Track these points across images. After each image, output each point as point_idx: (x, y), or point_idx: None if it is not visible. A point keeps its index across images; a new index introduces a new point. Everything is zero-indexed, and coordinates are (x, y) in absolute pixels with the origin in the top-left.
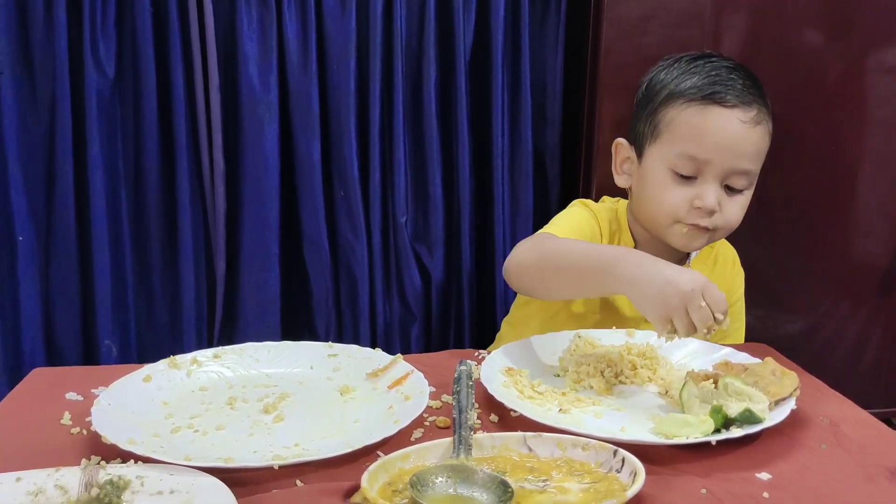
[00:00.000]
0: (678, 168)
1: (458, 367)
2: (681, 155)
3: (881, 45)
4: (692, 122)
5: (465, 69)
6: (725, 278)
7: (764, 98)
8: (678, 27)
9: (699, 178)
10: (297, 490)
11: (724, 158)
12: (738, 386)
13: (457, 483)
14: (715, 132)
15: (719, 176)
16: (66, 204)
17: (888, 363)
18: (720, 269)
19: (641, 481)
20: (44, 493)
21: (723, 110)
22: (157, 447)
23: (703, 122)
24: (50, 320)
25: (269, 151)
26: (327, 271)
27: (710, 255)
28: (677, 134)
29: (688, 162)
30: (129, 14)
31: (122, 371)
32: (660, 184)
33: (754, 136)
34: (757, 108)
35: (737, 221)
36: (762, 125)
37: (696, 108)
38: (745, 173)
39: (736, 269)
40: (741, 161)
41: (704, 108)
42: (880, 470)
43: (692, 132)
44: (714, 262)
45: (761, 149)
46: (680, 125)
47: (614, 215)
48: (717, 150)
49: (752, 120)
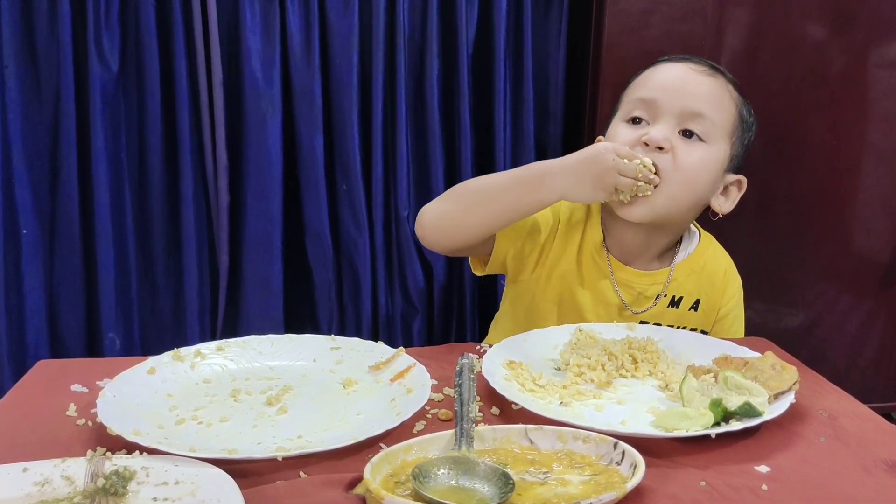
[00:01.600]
0: (630, 114)
1: (460, 360)
2: (630, 102)
3: (883, 40)
4: (642, 77)
5: (468, 63)
6: (713, 288)
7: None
8: (680, 21)
9: (650, 123)
10: (301, 481)
11: (673, 97)
12: (738, 379)
13: (458, 475)
14: (663, 75)
15: (672, 117)
16: (69, 197)
17: (888, 358)
18: (707, 278)
19: (641, 474)
20: (50, 484)
21: (672, 63)
22: (162, 438)
23: (651, 73)
24: (54, 313)
25: (272, 145)
26: (330, 264)
27: (699, 261)
28: (629, 91)
29: (637, 105)
30: (132, 7)
31: (127, 363)
32: (613, 132)
33: (707, 82)
34: (710, 67)
35: (692, 170)
36: (717, 79)
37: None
38: (700, 115)
39: (727, 279)
40: (692, 101)
41: (654, 67)
42: (878, 463)
43: (642, 81)
44: (701, 269)
45: (717, 95)
46: (632, 86)
47: (584, 206)
48: (665, 90)
49: (704, 72)
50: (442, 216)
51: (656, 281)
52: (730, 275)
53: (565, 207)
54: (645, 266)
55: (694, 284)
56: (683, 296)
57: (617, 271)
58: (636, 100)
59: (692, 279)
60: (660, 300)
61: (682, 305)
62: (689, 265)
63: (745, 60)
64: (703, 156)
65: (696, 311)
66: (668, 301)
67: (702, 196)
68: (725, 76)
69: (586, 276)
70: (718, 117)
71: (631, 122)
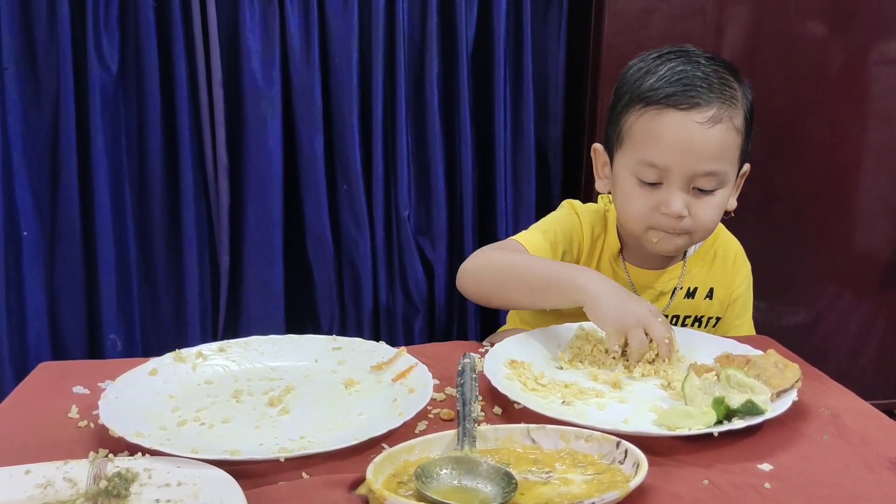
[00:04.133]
0: (641, 175)
1: (462, 359)
2: (641, 162)
3: (883, 38)
4: (647, 129)
5: (468, 63)
6: (725, 274)
7: (732, 89)
8: (680, 20)
9: (664, 185)
10: (303, 482)
11: (684, 163)
12: (741, 378)
13: (461, 475)
14: (670, 137)
15: (683, 180)
16: (70, 199)
17: (889, 355)
18: (719, 264)
19: (644, 472)
20: (53, 486)
21: (677, 113)
22: (164, 440)
23: (657, 128)
24: (55, 315)
25: (273, 146)
26: (331, 265)
27: (710, 251)
28: (636, 141)
29: (648, 169)
30: (132, 9)
31: (129, 365)
32: (626, 191)
33: (714, 136)
34: (717, 106)
35: (711, 222)
36: (723, 123)
37: (651, 113)
38: (711, 174)
39: (738, 265)
40: (702, 163)
41: (659, 114)
42: (881, 461)
43: (648, 139)
44: (713, 258)
45: (725, 146)
46: (637, 132)
47: (601, 217)
48: (675, 154)
49: (710, 119)
50: (479, 286)
51: (673, 276)
52: (739, 260)
53: (586, 224)
54: (661, 264)
55: (707, 273)
56: (698, 286)
57: (635, 277)
58: (646, 163)
59: (704, 269)
60: (676, 294)
61: (696, 296)
62: (701, 255)
63: (745, 59)
64: (718, 203)
65: (710, 300)
66: (683, 293)
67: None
68: (724, 99)
69: None
70: (729, 163)
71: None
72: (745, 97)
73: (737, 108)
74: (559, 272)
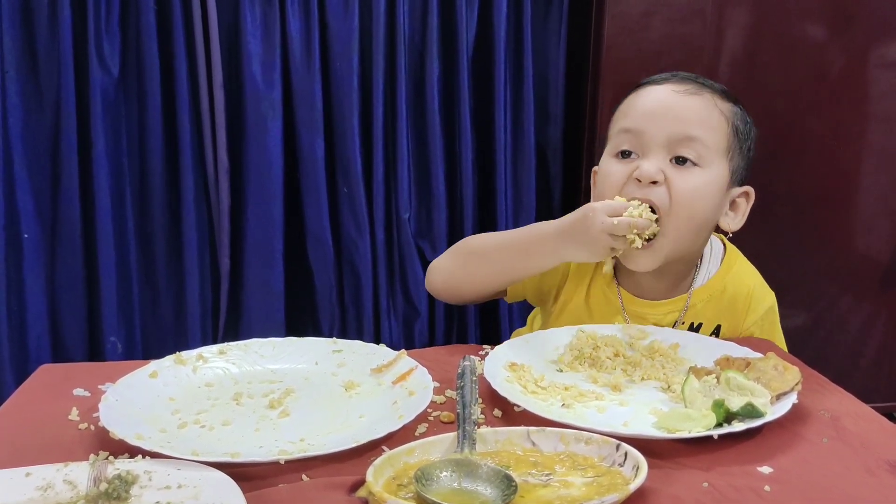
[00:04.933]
0: (618, 146)
1: (462, 362)
2: (617, 133)
3: (883, 40)
4: (625, 105)
5: (468, 65)
6: (735, 314)
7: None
8: (680, 23)
9: (641, 155)
10: (303, 484)
11: (659, 125)
12: (740, 380)
13: (461, 477)
14: (645, 102)
15: (661, 146)
16: (71, 201)
17: (889, 358)
18: (728, 302)
19: (644, 475)
20: (53, 488)
21: (654, 86)
22: (165, 442)
23: (634, 100)
24: (55, 317)
25: (273, 148)
26: (331, 267)
27: (719, 286)
28: (615, 121)
29: (623, 136)
30: (133, 12)
31: (129, 367)
32: (603, 170)
33: (692, 102)
34: (694, 83)
35: (690, 199)
36: (703, 96)
37: (632, 94)
38: (690, 139)
39: (751, 301)
40: (679, 126)
41: (637, 91)
42: (881, 464)
43: (625, 110)
44: (721, 294)
45: (705, 114)
46: (617, 114)
47: None
48: (650, 118)
49: (687, 91)
50: (447, 276)
51: (673, 309)
52: (756, 295)
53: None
54: (661, 295)
55: (714, 311)
56: (703, 322)
57: (628, 305)
58: (622, 131)
59: (712, 305)
60: (676, 328)
61: (701, 332)
62: (709, 290)
63: (745, 61)
64: (700, 181)
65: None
66: (685, 328)
67: (705, 221)
68: (712, 89)
69: (595, 311)
70: (710, 137)
71: (620, 155)
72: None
73: (722, 104)
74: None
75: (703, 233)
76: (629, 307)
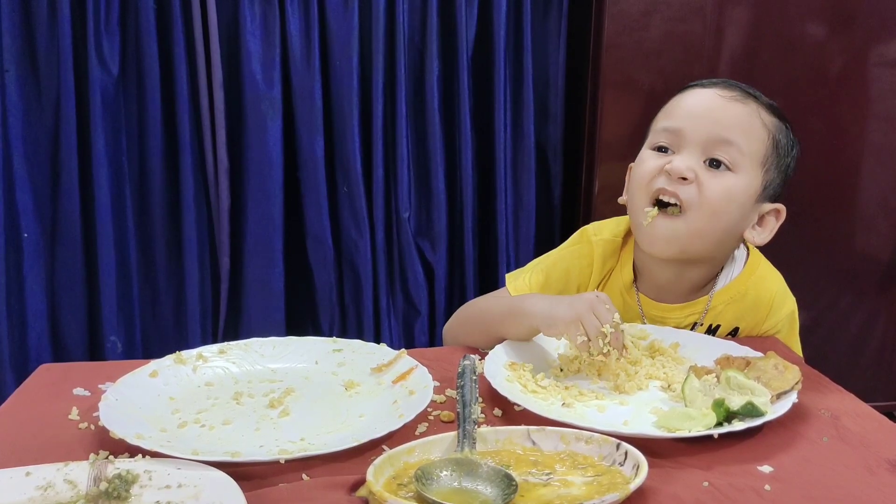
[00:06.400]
0: (656, 142)
1: (462, 361)
2: (657, 130)
3: (883, 39)
4: (670, 103)
5: (468, 64)
6: (756, 317)
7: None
8: (680, 22)
9: (676, 151)
10: (303, 484)
11: (698, 126)
12: (741, 380)
13: (461, 476)
14: (688, 103)
15: (697, 145)
16: (70, 201)
17: (889, 357)
18: (749, 306)
19: (644, 474)
20: (53, 488)
21: (700, 89)
22: (165, 442)
23: (678, 101)
24: (55, 317)
25: (273, 148)
26: (331, 267)
27: (740, 289)
28: (657, 120)
29: (663, 133)
30: (132, 11)
31: (129, 367)
32: (639, 159)
33: (735, 108)
34: (741, 92)
35: (717, 200)
36: (748, 105)
37: (677, 95)
38: (727, 143)
39: (773, 305)
40: (718, 129)
41: (682, 93)
42: (881, 462)
43: (669, 109)
44: (742, 297)
45: (747, 124)
46: (661, 113)
47: (614, 249)
48: (690, 118)
49: (733, 98)
50: (451, 340)
51: (693, 311)
52: (777, 300)
53: (598, 255)
54: (681, 299)
55: (734, 314)
56: (721, 324)
57: (648, 309)
58: (662, 129)
59: (732, 308)
60: (695, 330)
61: (718, 334)
62: (730, 293)
63: (745, 60)
64: (730, 186)
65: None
66: (703, 330)
67: (730, 227)
68: (759, 100)
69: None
70: (748, 145)
71: (657, 150)
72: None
73: (766, 116)
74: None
75: (726, 238)
76: (648, 311)
